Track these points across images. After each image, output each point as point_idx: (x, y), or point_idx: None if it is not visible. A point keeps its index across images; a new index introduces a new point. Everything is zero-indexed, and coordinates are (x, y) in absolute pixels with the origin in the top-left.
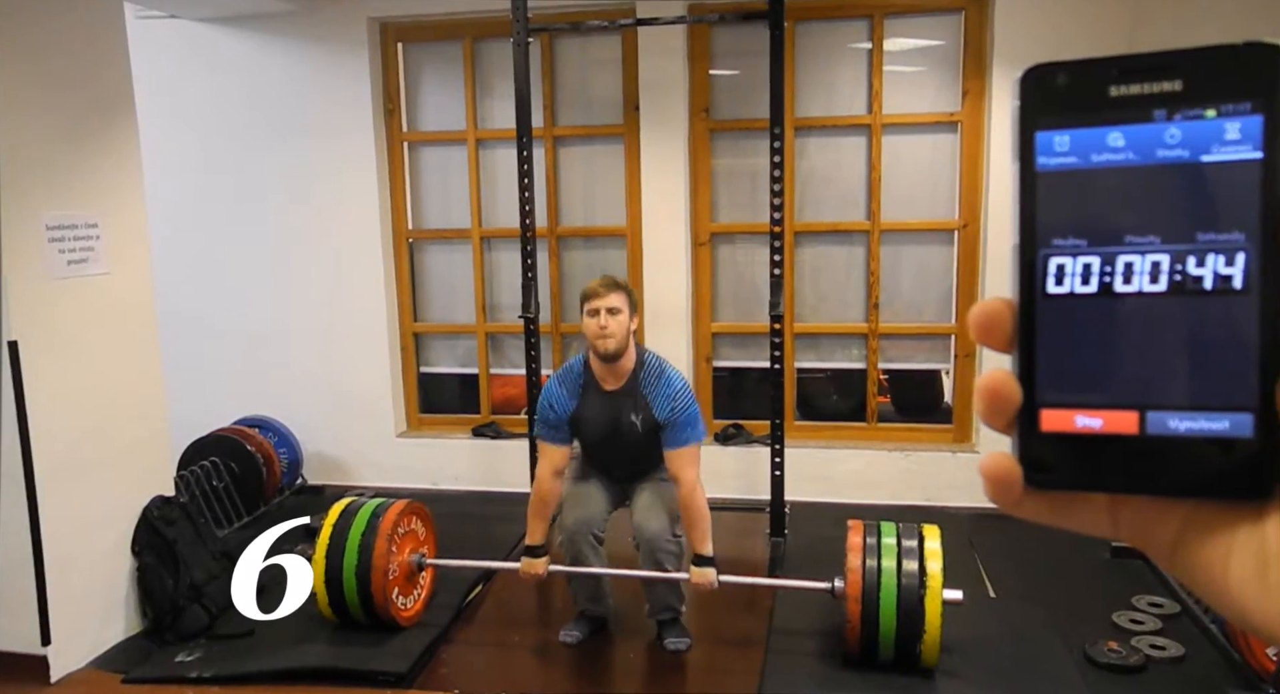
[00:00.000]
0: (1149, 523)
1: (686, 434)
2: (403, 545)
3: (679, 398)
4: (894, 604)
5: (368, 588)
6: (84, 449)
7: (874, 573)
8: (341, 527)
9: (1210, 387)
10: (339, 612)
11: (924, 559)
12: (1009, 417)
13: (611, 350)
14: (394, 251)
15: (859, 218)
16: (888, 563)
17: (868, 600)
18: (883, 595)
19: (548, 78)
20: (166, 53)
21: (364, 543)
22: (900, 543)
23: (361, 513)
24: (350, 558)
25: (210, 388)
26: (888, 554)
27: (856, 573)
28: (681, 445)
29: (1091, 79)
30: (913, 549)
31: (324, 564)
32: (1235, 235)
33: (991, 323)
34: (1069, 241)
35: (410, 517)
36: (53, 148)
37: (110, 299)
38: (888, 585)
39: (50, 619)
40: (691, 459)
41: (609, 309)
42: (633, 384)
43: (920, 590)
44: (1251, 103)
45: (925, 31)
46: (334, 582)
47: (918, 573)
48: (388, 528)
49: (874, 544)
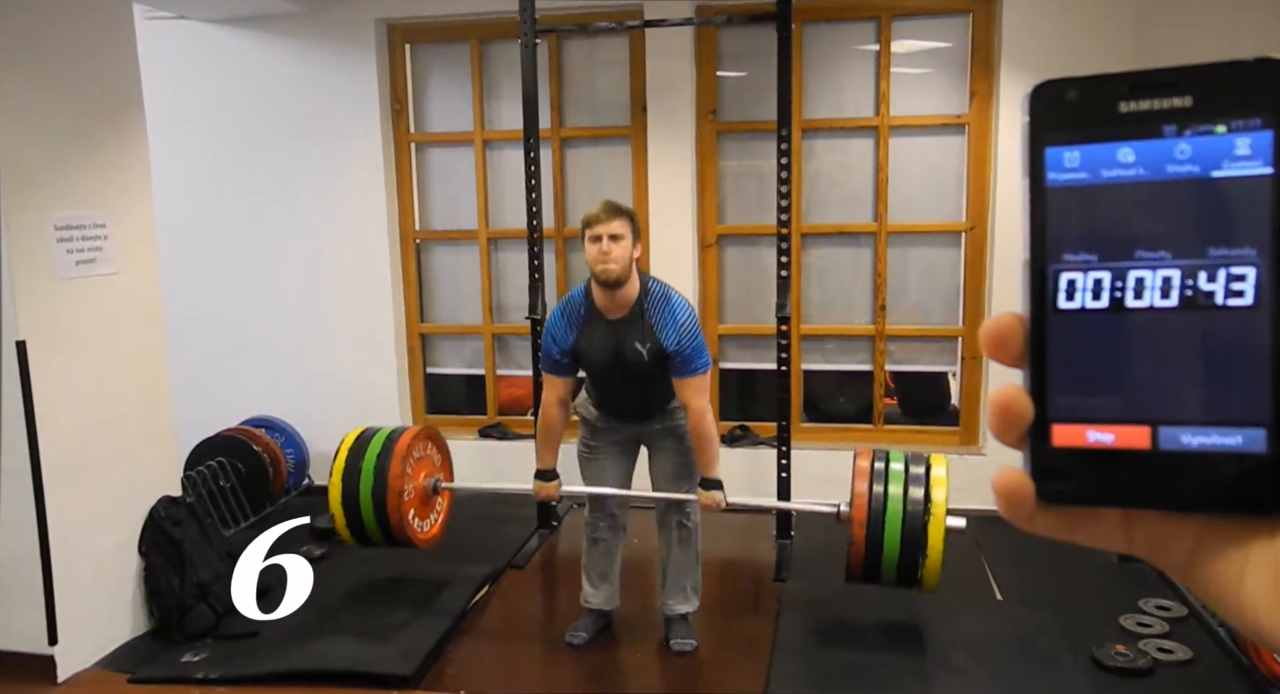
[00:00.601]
0: (1163, 538)
1: (695, 364)
2: (418, 469)
3: (685, 327)
4: (899, 528)
5: (384, 509)
6: (91, 449)
7: (880, 498)
8: (357, 451)
9: (1223, 401)
10: (357, 534)
11: (929, 486)
12: (1021, 432)
13: (613, 277)
14: (401, 252)
15: (866, 220)
16: (894, 489)
17: (873, 524)
18: (888, 519)
19: (555, 79)
20: (175, 54)
21: (379, 465)
22: (907, 470)
23: (376, 438)
24: (366, 480)
25: (217, 388)
26: (894, 480)
27: (863, 497)
28: (690, 375)
29: (1101, 95)
30: (919, 476)
31: (340, 487)
32: (1246, 250)
33: (1002, 338)
34: (1080, 257)
35: (425, 442)
36: (61, 148)
37: (118, 299)
38: (893, 510)
39: (57, 619)
40: (701, 387)
41: (611, 236)
42: (637, 312)
43: (924, 516)
44: (1261, 118)
45: (933, 33)
46: (351, 504)
47: (923, 500)
48: (402, 450)
49: (881, 470)
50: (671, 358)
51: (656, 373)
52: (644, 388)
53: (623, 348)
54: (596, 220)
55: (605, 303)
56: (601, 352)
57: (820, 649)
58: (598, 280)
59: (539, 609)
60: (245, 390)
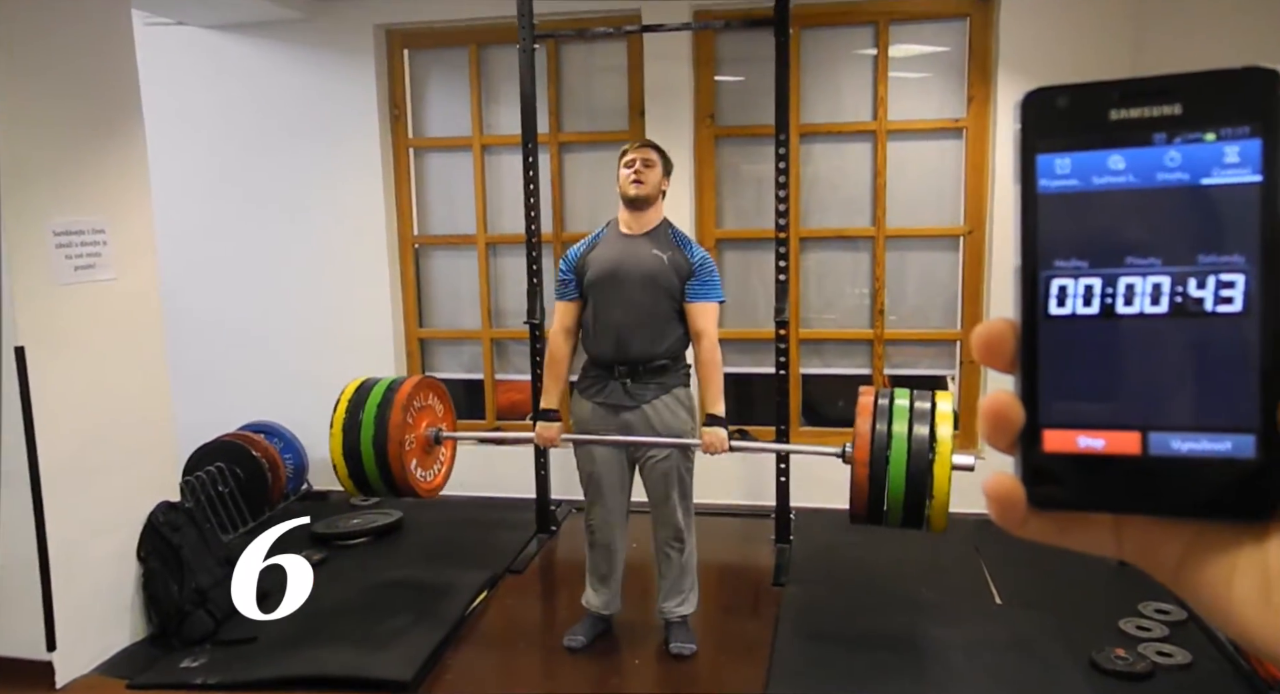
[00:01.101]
0: (1153, 543)
1: (712, 290)
2: (419, 418)
3: (707, 257)
4: (903, 467)
5: (385, 458)
6: (90, 454)
7: (884, 436)
8: (357, 400)
9: (1212, 408)
10: (360, 484)
11: (935, 423)
12: (1012, 437)
13: (642, 194)
14: (399, 257)
15: (864, 224)
16: (898, 427)
17: (876, 462)
18: (892, 457)
19: (553, 84)
20: (174, 59)
21: (380, 414)
22: (912, 406)
23: (377, 388)
24: (367, 430)
25: (216, 393)
26: (899, 417)
27: (865, 436)
28: (706, 299)
29: (1092, 102)
30: (924, 412)
31: (341, 438)
32: (1235, 257)
33: (994, 344)
34: (1071, 263)
35: (426, 391)
36: (60, 153)
37: (117, 304)
38: (897, 448)
39: (55, 625)
40: (714, 314)
41: (644, 160)
42: (660, 232)
43: (930, 454)
44: (1250, 126)
45: (930, 38)
46: (352, 454)
47: (928, 437)
48: (403, 399)
49: (885, 406)
50: (695, 274)
51: (663, 294)
52: (644, 318)
53: (638, 256)
54: (631, 148)
55: (629, 221)
56: (611, 256)
57: (819, 653)
58: (626, 199)
59: (538, 614)
60: (244, 395)
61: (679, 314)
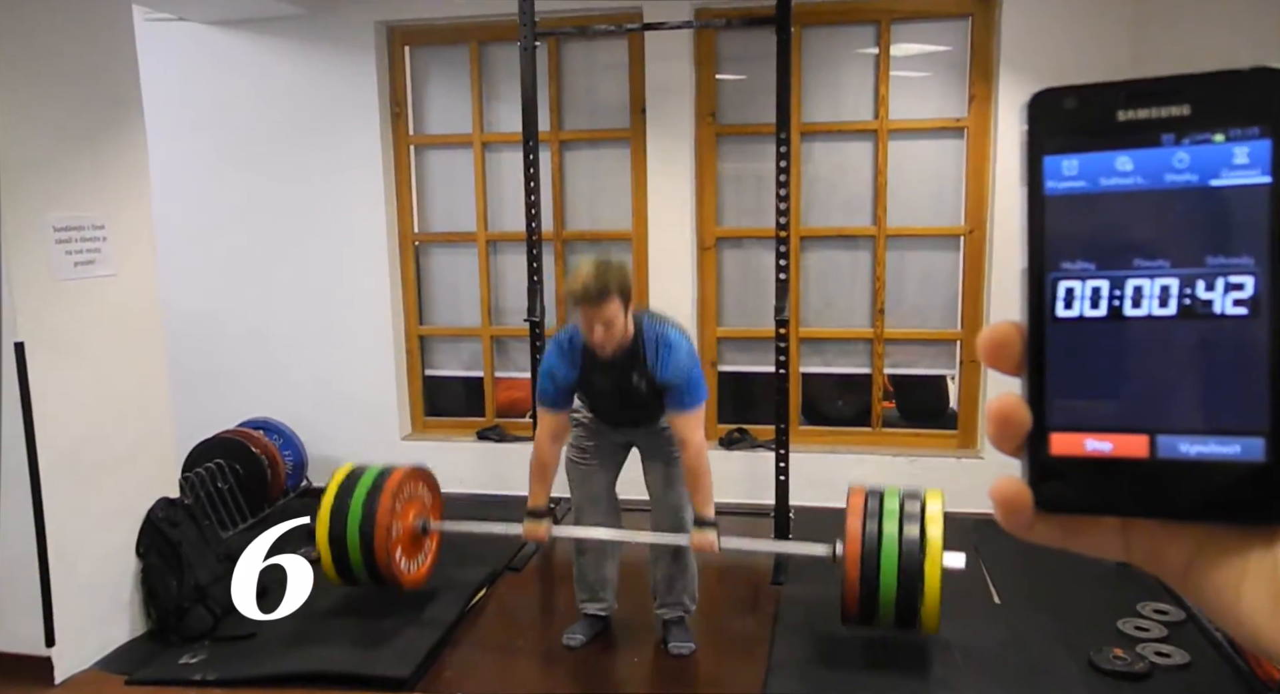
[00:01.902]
0: (1161, 546)
1: (690, 399)
2: (407, 509)
3: (682, 365)
4: (895, 568)
5: (370, 548)
6: (89, 450)
7: (874, 537)
8: (346, 488)
9: (1221, 410)
10: (343, 573)
11: (925, 524)
12: (1019, 440)
13: (610, 354)
14: (400, 254)
15: (865, 223)
16: (889, 527)
17: (867, 563)
18: (883, 558)
19: (554, 81)
20: (174, 55)
21: (368, 505)
22: (902, 507)
23: (366, 476)
24: (354, 519)
25: (215, 390)
26: (889, 518)
27: (856, 537)
28: (686, 410)
29: (1100, 103)
30: (914, 514)
31: (328, 524)
32: (1244, 259)
33: (1000, 346)
34: (1078, 265)
35: (415, 481)
36: (60, 149)
37: (116, 301)
38: (888, 549)
39: (54, 620)
40: (697, 422)
41: (605, 323)
42: (633, 351)
43: (920, 555)
44: (1259, 127)
45: (932, 37)
46: (338, 541)
47: (918, 537)
48: (392, 488)
49: (875, 508)
50: (667, 393)
51: (654, 398)
52: (642, 407)
53: (623, 379)
54: (585, 302)
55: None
56: (602, 385)
57: (818, 652)
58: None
59: (536, 612)
60: (243, 392)
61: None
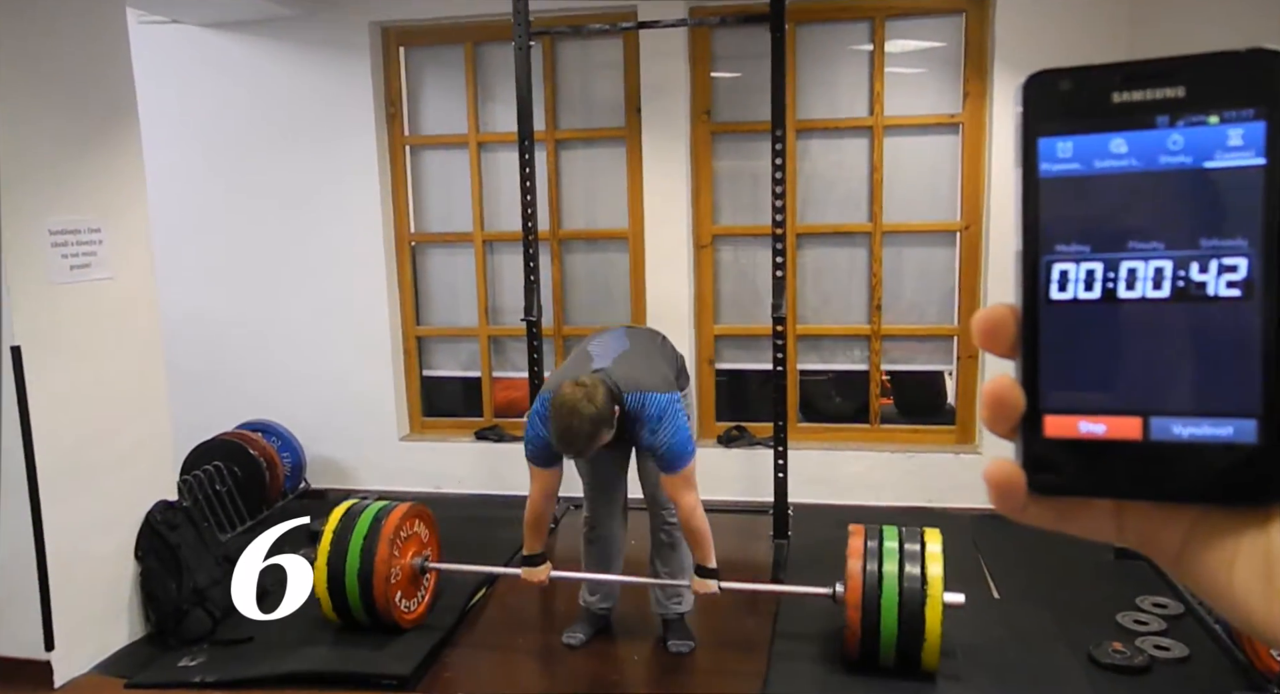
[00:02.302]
0: (1154, 528)
1: (678, 463)
2: (405, 549)
3: (663, 432)
4: (895, 609)
5: (370, 592)
6: (87, 454)
7: (874, 578)
8: (344, 530)
9: (1214, 392)
10: (342, 615)
11: (925, 563)
12: (1013, 423)
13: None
14: (396, 255)
15: (861, 220)
16: (889, 568)
17: (868, 605)
18: (884, 601)
19: (549, 81)
20: (169, 58)
21: (366, 547)
22: (902, 547)
23: (364, 516)
24: (353, 561)
25: (213, 392)
26: (889, 558)
27: (857, 578)
28: (674, 472)
29: (1094, 85)
30: (914, 553)
31: (326, 568)
32: (1238, 241)
33: (995, 329)
34: (1072, 247)
35: (413, 520)
36: (56, 152)
37: (113, 303)
38: (889, 590)
39: (53, 624)
40: (686, 483)
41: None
42: (619, 429)
43: (921, 596)
44: (1254, 109)
45: (926, 33)
46: (336, 585)
47: (919, 577)
48: (390, 531)
49: (875, 548)
50: (654, 458)
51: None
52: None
53: (610, 445)
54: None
55: None
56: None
57: (818, 650)
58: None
59: (536, 611)
60: (241, 394)
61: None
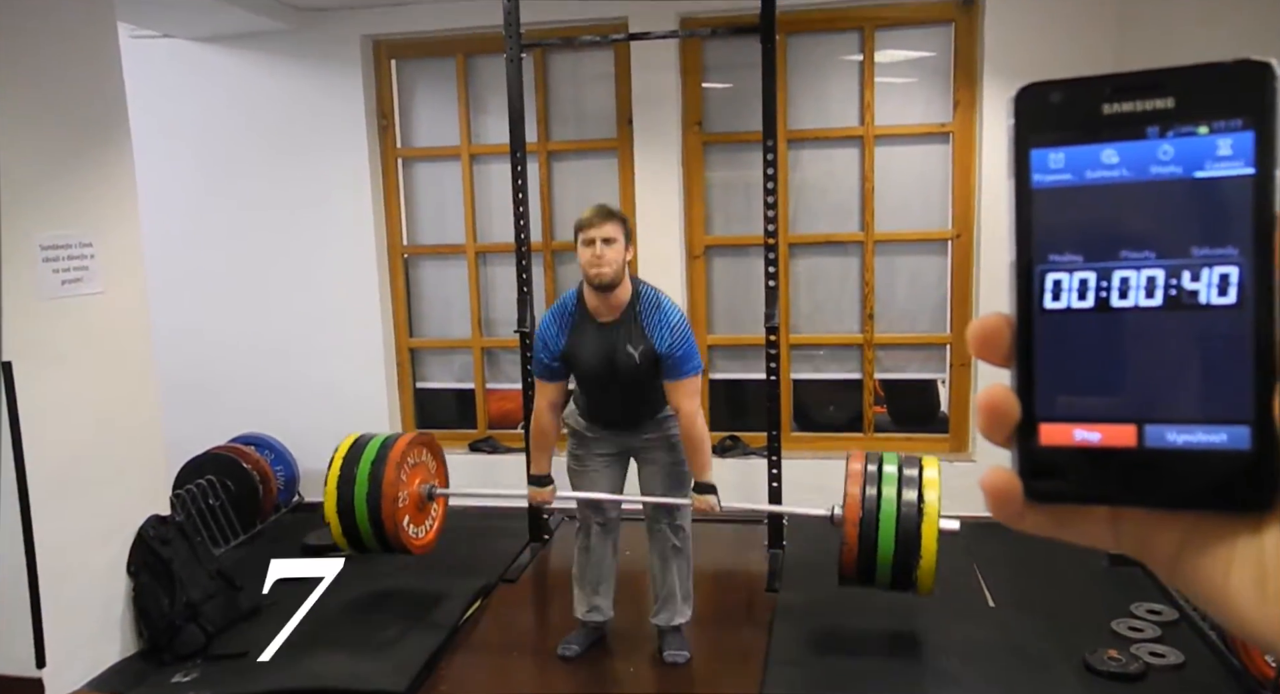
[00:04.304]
0: (1149, 535)
1: (685, 366)
2: (413, 475)
3: (677, 330)
4: (892, 530)
5: (379, 515)
6: (79, 469)
7: (873, 500)
8: (352, 457)
9: (1207, 400)
10: (352, 541)
11: (922, 488)
12: (1008, 431)
13: (606, 280)
14: (389, 267)
15: (853, 229)
16: (887, 491)
17: (866, 526)
18: (881, 521)
19: (541, 93)
20: (160, 72)
21: (374, 471)
22: (900, 472)
23: (372, 444)
24: (361, 486)
25: (206, 406)
26: (887, 482)
27: (855, 499)
28: (681, 377)
29: (1085, 97)
30: (912, 478)
31: (336, 495)
32: (1229, 249)
33: (989, 338)
34: (1065, 257)
35: (420, 448)
36: (46, 167)
37: (105, 318)
38: (886, 512)
39: (45, 641)
40: (692, 390)
41: (604, 239)
42: (629, 315)
43: (917, 518)
44: (1243, 119)
45: (916, 43)
46: (346, 511)
47: (916, 501)
48: (397, 456)
49: (874, 472)
50: (663, 360)
51: (647, 378)
52: (634, 394)
53: (614, 351)
54: (589, 224)
55: (597, 306)
56: (593, 355)
57: (813, 659)
58: (590, 283)
59: (531, 622)
60: (234, 408)
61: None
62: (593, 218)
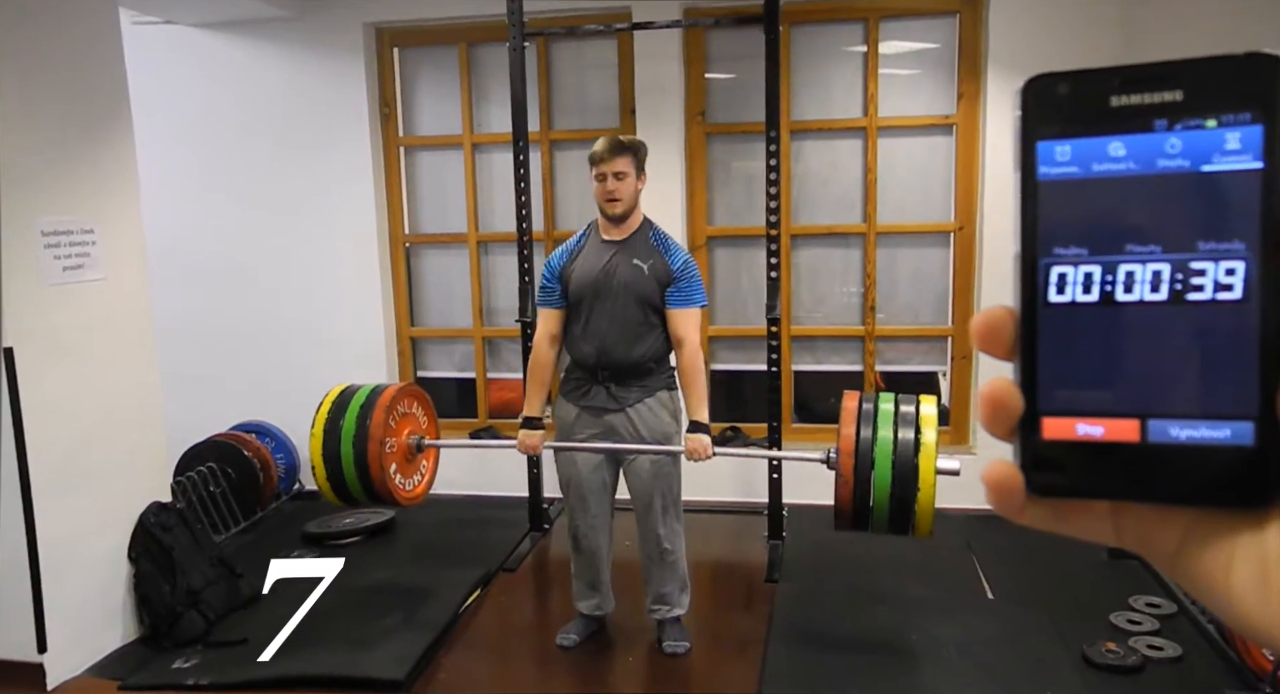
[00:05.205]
0: (1151, 530)
1: (694, 294)
2: (402, 425)
3: (688, 259)
4: (889, 465)
5: (365, 461)
6: (80, 456)
7: (869, 440)
8: (340, 403)
9: (1211, 395)
10: (337, 488)
11: (919, 426)
12: (1011, 425)
13: (619, 212)
14: (391, 256)
15: (855, 220)
16: (883, 431)
17: (861, 465)
18: (877, 460)
19: (544, 82)
20: (162, 58)
21: (361, 416)
22: (897, 409)
23: (360, 392)
24: (348, 431)
25: (207, 393)
26: (884, 421)
27: (850, 441)
28: (688, 305)
29: (1092, 89)
30: (909, 416)
31: (321, 440)
32: (1235, 244)
33: (993, 331)
34: (1070, 250)
35: (409, 399)
36: (48, 154)
37: (106, 305)
38: (883, 450)
39: (46, 626)
40: (696, 320)
41: (615, 174)
42: (641, 236)
43: (915, 456)
44: (1251, 113)
45: (920, 34)
46: (331, 458)
47: (913, 438)
48: (386, 403)
49: (870, 410)
50: (676, 280)
51: (645, 304)
52: (627, 326)
53: (618, 264)
54: (601, 159)
55: (608, 228)
56: (591, 268)
57: (813, 650)
58: (604, 215)
59: (530, 612)
60: (235, 395)
61: (661, 320)
62: (603, 153)
